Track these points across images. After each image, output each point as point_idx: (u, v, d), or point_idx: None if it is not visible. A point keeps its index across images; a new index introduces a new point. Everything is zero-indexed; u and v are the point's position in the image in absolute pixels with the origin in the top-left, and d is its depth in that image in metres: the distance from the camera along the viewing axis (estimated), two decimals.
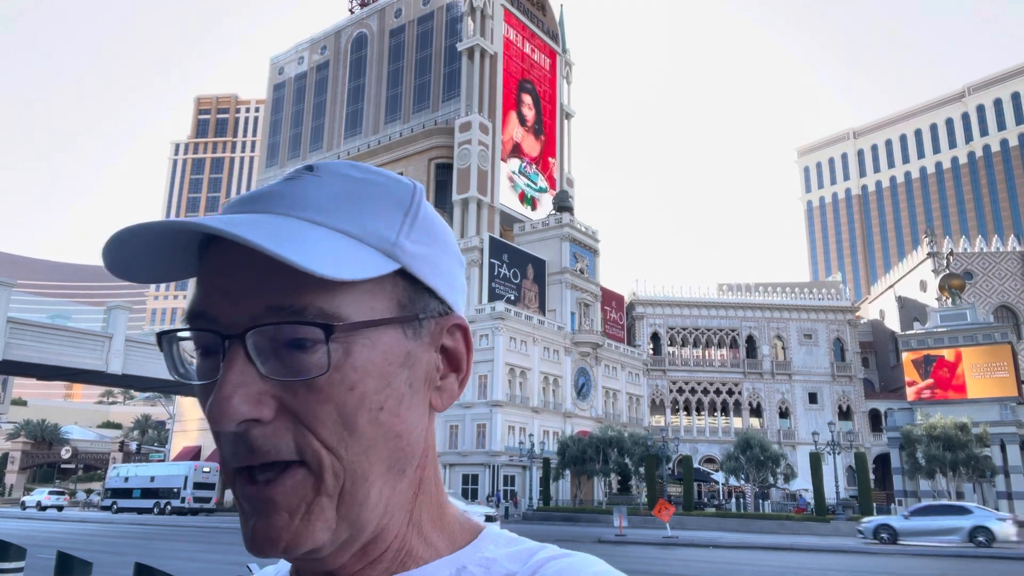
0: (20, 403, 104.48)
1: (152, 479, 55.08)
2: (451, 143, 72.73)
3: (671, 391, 74.35)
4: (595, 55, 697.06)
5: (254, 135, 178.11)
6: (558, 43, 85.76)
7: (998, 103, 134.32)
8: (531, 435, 55.35)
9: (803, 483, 57.55)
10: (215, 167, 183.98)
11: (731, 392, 74.70)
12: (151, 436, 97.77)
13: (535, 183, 78.33)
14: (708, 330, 76.57)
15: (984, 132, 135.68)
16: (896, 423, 54.21)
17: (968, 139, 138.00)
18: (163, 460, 69.09)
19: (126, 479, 56.80)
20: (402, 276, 0.68)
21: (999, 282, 74.95)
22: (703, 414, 74.43)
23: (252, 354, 0.62)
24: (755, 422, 73.31)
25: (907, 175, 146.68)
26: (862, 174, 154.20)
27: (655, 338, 76.47)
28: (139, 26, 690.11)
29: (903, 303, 78.95)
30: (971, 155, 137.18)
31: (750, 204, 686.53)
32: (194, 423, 70.04)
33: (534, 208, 76.88)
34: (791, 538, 33.82)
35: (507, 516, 47.64)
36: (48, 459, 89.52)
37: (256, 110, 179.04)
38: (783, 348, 76.59)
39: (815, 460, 42.87)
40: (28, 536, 25.99)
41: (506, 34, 77.24)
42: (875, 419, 73.11)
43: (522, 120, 77.79)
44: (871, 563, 22.36)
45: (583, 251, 70.18)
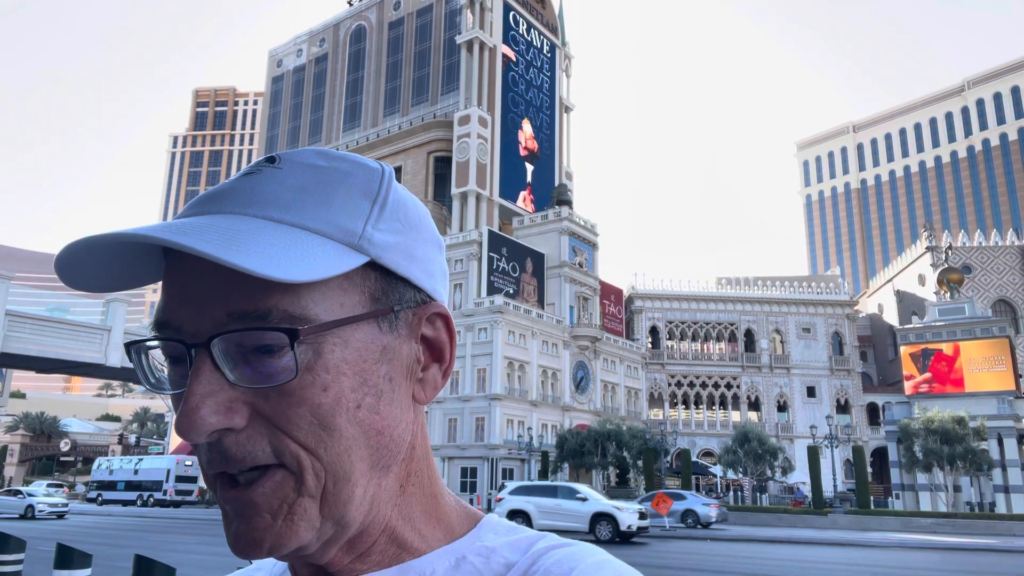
0: (19, 396, 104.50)
1: (136, 472, 56.84)
2: (450, 136, 72.58)
3: (669, 385, 74.44)
4: (595, 48, 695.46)
5: (253, 128, 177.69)
6: (558, 36, 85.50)
7: (997, 97, 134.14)
8: (530, 428, 55.45)
9: (801, 476, 57.74)
10: (213, 160, 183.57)
11: (729, 386, 74.81)
12: (150, 429, 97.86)
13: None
14: (707, 324, 76.63)
15: (983, 126, 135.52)
16: (894, 417, 54.31)
17: (967, 133, 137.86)
18: (162, 453, 69.23)
19: (111, 472, 58.58)
20: (374, 268, 0.66)
21: (997, 276, 75.02)
22: (701, 408, 74.55)
23: (219, 361, 0.60)
24: (753, 416, 73.45)
25: (906, 169, 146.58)
26: (861, 168, 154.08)
27: (654, 332, 76.53)
28: (137, 18, 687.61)
29: (901, 297, 79.02)
30: (970, 149, 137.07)
31: (749, 198, 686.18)
32: None
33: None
34: (789, 531, 33.94)
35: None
36: (47, 452, 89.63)
37: (255, 103, 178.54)
38: (781, 342, 76.68)
39: (813, 453, 43.00)
40: (27, 529, 26.04)
41: (505, 27, 76.98)
42: (873, 413, 73.27)
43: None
44: (863, 556, 22.42)
45: (582, 245, 70.16)
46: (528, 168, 77.26)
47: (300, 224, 0.62)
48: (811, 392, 74.63)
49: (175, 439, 71.89)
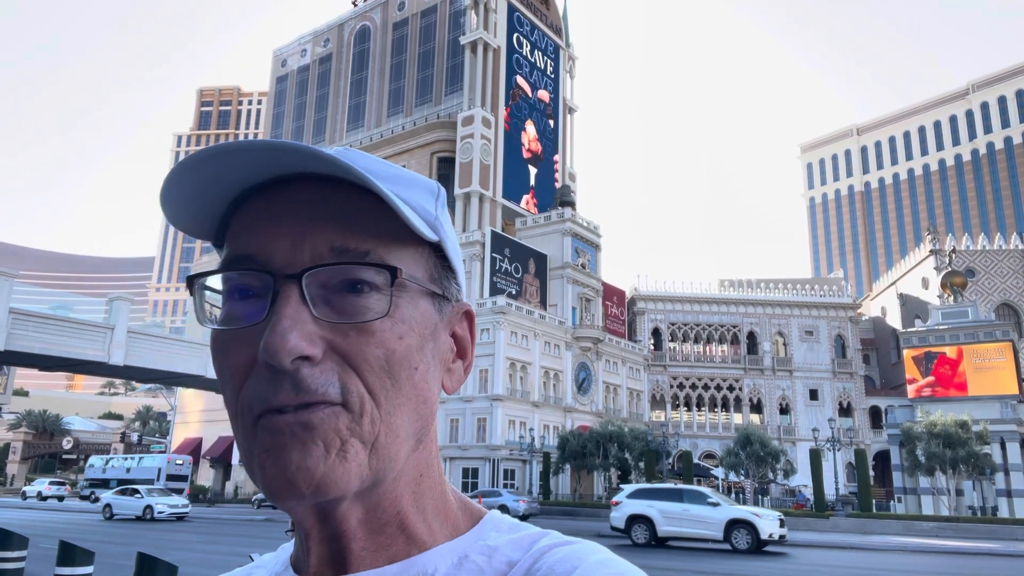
0: (22, 394, 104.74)
1: (128, 470, 57.55)
2: (453, 137, 72.63)
3: (672, 386, 74.37)
4: (598, 50, 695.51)
5: (256, 128, 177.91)
6: (561, 37, 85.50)
7: (1002, 100, 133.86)
8: (531, 429, 55.44)
9: (803, 479, 57.65)
10: None
11: (732, 388, 74.72)
12: (152, 427, 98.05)
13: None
14: (709, 326, 76.55)
15: (988, 129, 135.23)
16: (896, 420, 54.21)
17: (972, 136, 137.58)
18: (164, 451, 69.40)
19: (104, 470, 58.99)
20: (434, 253, 0.70)
21: (1001, 280, 74.87)
22: (703, 410, 74.47)
23: (307, 294, 0.62)
24: (755, 418, 73.34)
25: (910, 172, 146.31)
26: (865, 171, 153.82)
27: (656, 333, 76.47)
28: (142, 17, 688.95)
29: (905, 300, 78.88)
30: (974, 152, 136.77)
31: (753, 200, 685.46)
32: (195, 415, 70.18)
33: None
34: (790, 534, 33.83)
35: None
36: (49, 449, 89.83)
37: (259, 102, 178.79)
38: (784, 344, 76.57)
39: (815, 456, 42.91)
40: (30, 525, 26.09)
41: (509, 28, 77.02)
42: (875, 416, 73.12)
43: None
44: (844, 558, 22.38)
45: (585, 246, 70.14)
46: (531, 169, 77.28)
47: (401, 196, 0.65)
48: (813, 395, 74.51)
49: (177, 438, 71.99)
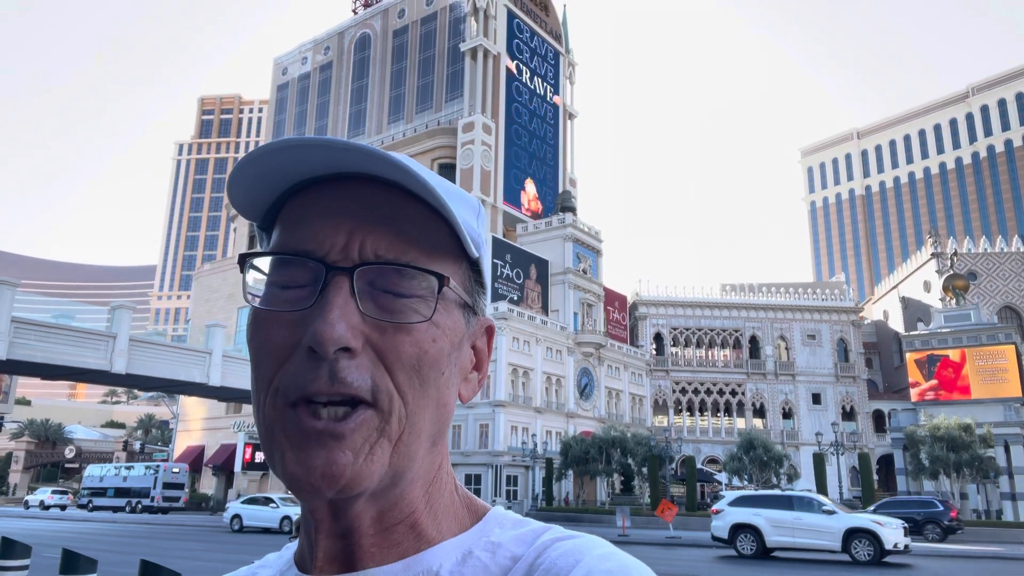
0: (24, 403, 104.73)
1: (125, 479, 57.67)
2: (454, 143, 72.74)
3: (674, 391, 74.25)
4: (598, 55, 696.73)
5: (258, 135, 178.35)
6: (561, 44, 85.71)
7: (1002, 103, 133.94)
8: (534, 435, 55.35)
9: (806, 484, 57.45)
10: (219, 167, 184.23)
11: (734, 393, 74.59)
12: (155, 436, 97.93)
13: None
14: (711, 330, 76.46)
15: (988, 132, 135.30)
16: (900, 424, 54.07)
17: (972, 139, 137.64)
18: (167, 460, 69.36)
19: (101, 479, 59.40)
20: (470, 267, 0.74)
21: (1003, 283, 74.76)
22: (706, 414, 74.33)
23: (355, 289, 0.65)
24: (758, 423, 73.18)
25: (911, 175, 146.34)
26: (866, 174, 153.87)
27: (658, 338, 76.39)
28: (143, 26, 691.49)
29: (907, 304, 78.76)
30: (975, 155, 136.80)
31: (754, 204, 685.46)
32: (197, 423, 70.12)
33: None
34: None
35: None
36: (52, 459, 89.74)
37: (260, 110, 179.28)
38: (786, 349, 76.45)
39: (819, 461, 42.83)
40: (32, 534, 26.06)
41: (508, 35, 77.23)
42: (879, 420, 72.94)
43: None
44: None
45: (586, 251, 70.16)
46: (532, 175, 77.37)
47: (454, 210, 0.69)
48: (816, 399, 74.36)
49: (179, 446, 71.89)
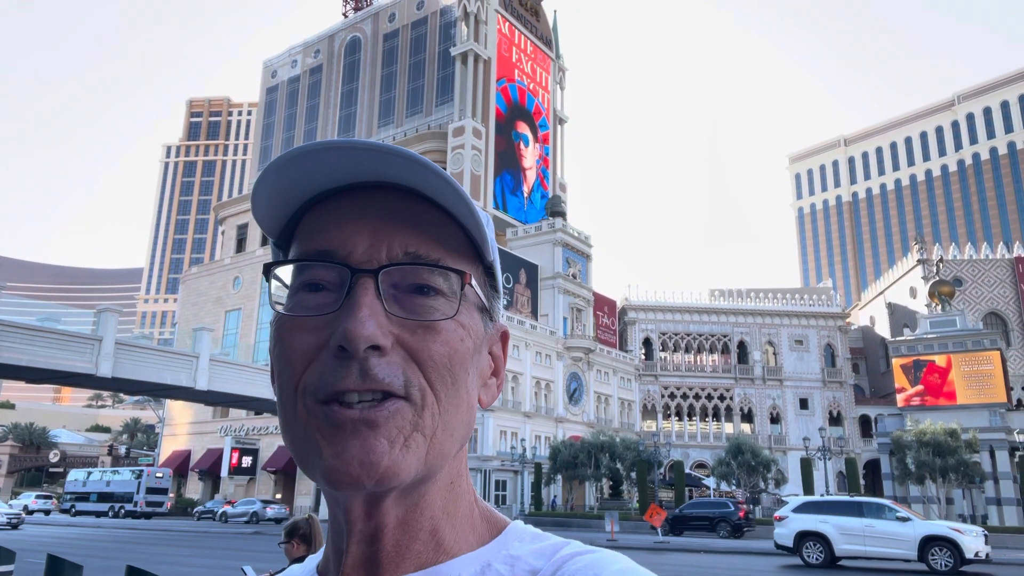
0: (8, 406, 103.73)
1: (108, 483, 57.38)
2: (444, 148, 72.71)
3: (663, 396, 74.40)
4: (589, 60, 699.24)
5: (246, 138, 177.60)
6: (552, 49, 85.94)
7: (987, 111, 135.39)
8: (523, 440, 55.30)
9: (794, 488, 57.64)
10: (207, 170, 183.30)
11: (722, 397, 74.82)
12: (140, 440, 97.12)
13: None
14: (700, 335, 76.71)
15: (973, 140, 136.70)
16: (886, 429, 54.41)
17: (958, 147, 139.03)
18: (152, 464, 68.77)
19: (84, 483, 58.93)
20: (485, 273, 0.75)
21: (988, 289, 75.43)
22: (694, 419, 74.51)
23: (381, 290, 0.66)
24: (746, 427, 73.42)
25: (897, 182, 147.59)
26: (853, 181, 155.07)
27: (647, 343, 76.55)
28: (131, 28, 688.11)
29: (893, 309, 79.33)
30: (960, 163, 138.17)
31: (742, 210, 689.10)
32: (183, 427, 69.58)
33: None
34: None
35: None
36: (36, 463, 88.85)
37: (249, 113, 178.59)
38: (774, 354, 76.79)
39: (806, 466, 43.04)
40: (16, 540, 25.75)
41: (500, 39, 77.41)
42: (865, 425, 73.35)
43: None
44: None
45: (576, 256, 70.26)
46: (522, 180, 77.46)
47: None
48: (804, 404, 74.69)
49: (165, 451, 71.32)
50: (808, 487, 42.25)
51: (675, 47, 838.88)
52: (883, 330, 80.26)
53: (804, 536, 21.32)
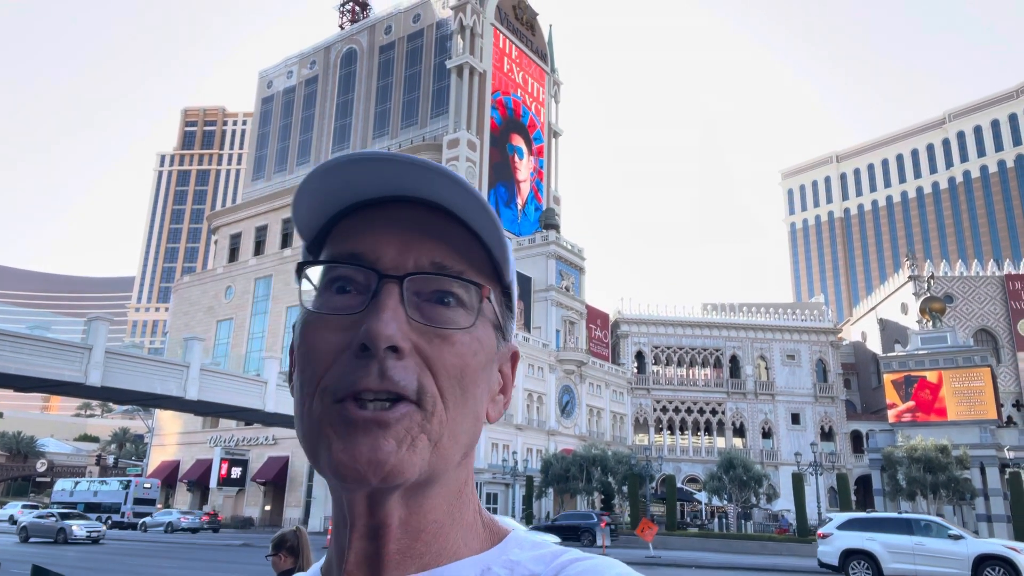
0: None
1: (95, 494, 57.03)
2: (439, 159, 72.81)
3: (655, 410, 74.36)
4: (584, 74, 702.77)
5: (241, 148, 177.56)
6: (547, 62, 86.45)
7: (978, 130, 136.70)
8: (514, 452, 55.12)
9: (785, 504, 57.60)
10: (201, 179, 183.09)
11: (714, 412, 74.83)
12: (129, 450, 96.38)
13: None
14: (692, 349, 76.80)
15: (964, 158, 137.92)
16: (877, 444, 54.45)
17: (948, 165, 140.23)
18: (140, 474, 68.20)
19: (72, 493, 58.59)
20: (501, 293, 0.79)
21: (979, 306, 75.83)
22: (687, 433, 74.46)
23: (404, 296, 0.70)
24: (738, 442, 73.40)
25: (889, 199, 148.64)
26: (845, 197, 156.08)
27: (639, 357, 76.58)
28: (126, 35, 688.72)
29: (884, 325, 79.63)
30: (951, 181, 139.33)
31: (735, 224, 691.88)
32: (173, 437, 69.07)
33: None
34: (773, 559, 33.80)
35: None
36: (23, 472, 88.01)
37: (243, 123, 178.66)
38: (766, 368, 76.92)
39: (797, 481, 42.95)
40: (1, 550, 25.45)
41: (495, 53, 77.81)
42: (857, 440, 73.43)
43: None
44: None
45: (569, 269, 70.34)
46: (516, 192, 77.65)
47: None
48: (795, 419, 74.76)
49: (154, 461, 70.72)
50: (800, 503, 42.16)
51: (669, 62, 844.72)
52: (874, 346, 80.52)
53: (850, 554, 20.51)
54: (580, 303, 70.41)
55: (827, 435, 74.02)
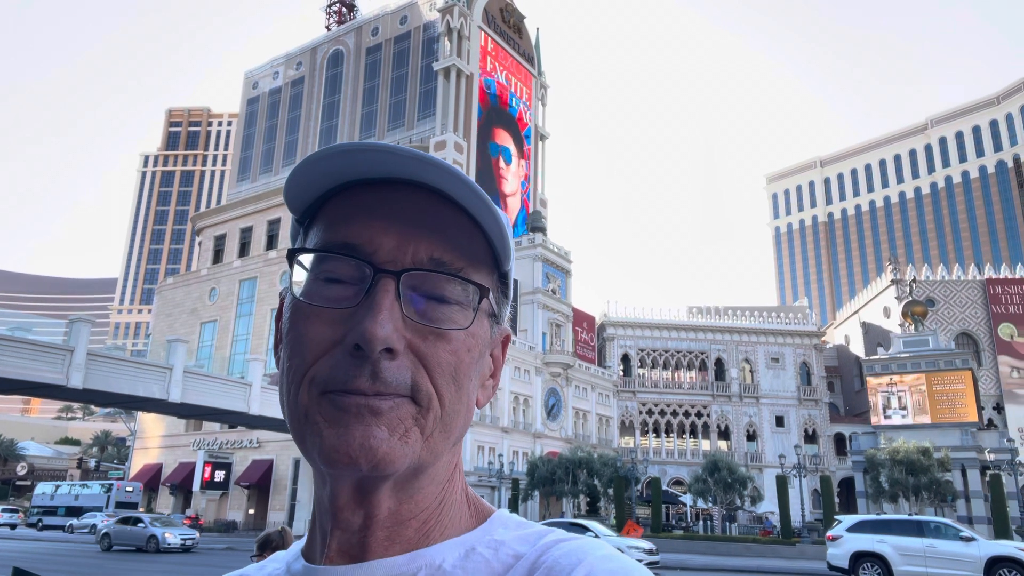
0: None
1: (77, 497, 56.63)
2: None
3: (641, 412, 74.56)
4: (570, 77, 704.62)
5: (226, 149, 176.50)
6: (534, 66, 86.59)
7: (959, 136, 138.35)
8: (500, 455, 55.07)
9: (769, 506, 57.93)
10: (185, 180, 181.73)
11: (700, 414, 75.13)
12: (110, 453, 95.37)
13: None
14: (678, 352, 77.10)
15: (946, 164, 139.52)
16: (860, 447, 54.95)
17: (931, 170, 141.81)
18: (122, 478, 67.52)
19: (52, 497, 58.12)
20: (499, 279, 0.78)
21: (960, 310, 76.63)
22: (672, 436, 74.71)
23: (401, 292, 0.67)
24: (723, 444, 73.73)
25: (872, 204, 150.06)
26: (829, 202, 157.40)
27: (625, 359, 76.78)
28: (111, 36, 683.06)
29: (867, 329, 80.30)
30: (933, 186, 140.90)
31: (720, 228, 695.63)
32: (155, 440, 68.41)
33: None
34: (758, 560, 33.97)
35: None
36: (2, 475, 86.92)
37: (228, 124, 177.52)
38: (751, 371, 77.34)
39: (781, 483, 43.20)
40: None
41: (482, 55, 77.85)
42: (840, 443, 73.95)
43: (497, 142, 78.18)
44: None
45: (555, 272, 70.44)
46: (503, 195, 77.66)
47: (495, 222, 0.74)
48: (780, 422, 75.20)
49: (136, 464, 70.00)
50: (784, 505, 42.39)
51: (655, 67, 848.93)
52: (857, 349, 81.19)
53: (860, 557, 20.26)
54: (566, 306, 70.52)
55: (811, 437, 74.51)
